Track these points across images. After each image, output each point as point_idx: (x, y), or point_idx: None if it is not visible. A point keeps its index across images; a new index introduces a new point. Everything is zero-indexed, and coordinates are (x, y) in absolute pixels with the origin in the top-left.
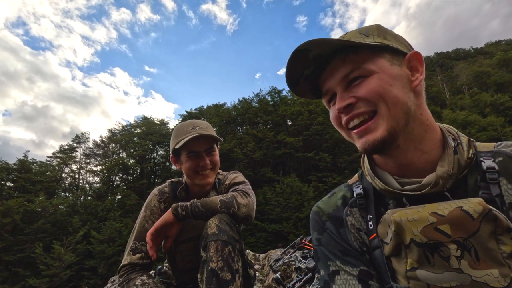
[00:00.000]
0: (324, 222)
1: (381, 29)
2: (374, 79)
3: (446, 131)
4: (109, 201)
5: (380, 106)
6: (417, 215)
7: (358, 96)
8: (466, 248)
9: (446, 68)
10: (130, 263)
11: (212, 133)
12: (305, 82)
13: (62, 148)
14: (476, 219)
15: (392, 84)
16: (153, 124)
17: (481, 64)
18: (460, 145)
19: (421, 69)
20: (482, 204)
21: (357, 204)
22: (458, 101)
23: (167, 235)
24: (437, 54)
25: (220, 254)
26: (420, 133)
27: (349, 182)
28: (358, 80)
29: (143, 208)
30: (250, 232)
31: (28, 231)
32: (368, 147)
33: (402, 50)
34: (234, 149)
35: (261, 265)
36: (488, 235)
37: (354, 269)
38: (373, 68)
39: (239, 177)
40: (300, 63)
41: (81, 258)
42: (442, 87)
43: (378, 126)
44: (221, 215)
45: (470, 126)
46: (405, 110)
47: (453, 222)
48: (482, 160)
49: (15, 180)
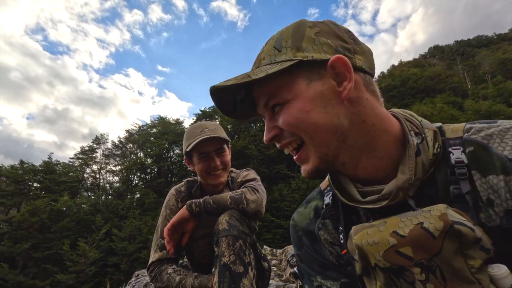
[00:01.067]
0: (301, 237)
1: (298, 33)
2: (288, 108)
3: (409, 123)
4: (129, 200)
5: (302, 136)
6: (378, 237)
7: (280, 126)
8: (431, 270)
9: (467, 56)
10: (158, 259)
11: (221, 134)
12: (243, 105)
13: (83, 149)
14: (437, 237)
15: (309, 109)
16: (169, 123)
17: (506, 51)
18: (425, 140)
19: (348, 75)
20: (443, 219)
21: (328, 215)
22: (480, 90)
23: (184, 230)
24: (457, 42)
25: (232, 248)
26: (366, 141)
27: (321, 186)
28: (277, 107)
29: (163, 208)
30: (267, 229)
31: (55, 229)
32: (307, 176)
33: (322, 59)
34: (248, 146)
35: (279, 260)
36: (453, 252)
37: (335, 283)
38: (285, 96)
39: (250, 174)
40: (225, 95)
41: (104, 255)
42: (463, 77)
43: (309, 155)
44: (231, 211)
45: (495, 116)
46: (333, 130)
47: (414, 243)
48: (450, 151)
49: (41, 181)
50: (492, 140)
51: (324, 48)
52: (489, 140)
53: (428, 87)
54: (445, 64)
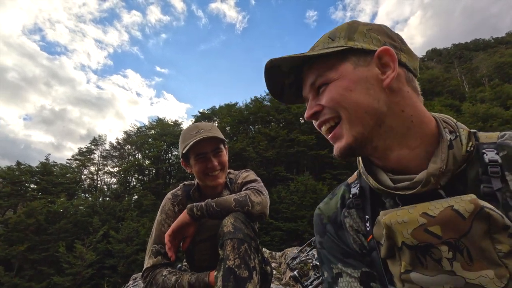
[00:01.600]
0: (325, 225)
1: (351, 28)
2: (332, 87)
3: (443, 122)
4: (126, 202)
5: (341, 112)
6: (407, 217)
7: (323, 104)
8: (458, 249)
9: (464, 59)
10: (153, 265)
11: (216, 134)
12: (290, 90)
13: (80, 150)
14: (467, 218)
15: (352, 89)
16: (167, 125)
17: (503, 54)
18: (459, 138)
19: (392, 65)
20: (473, 202)
21: (354, 205)
22: (478, 93)
23: (185, 235)
24: (455, 45)
25: (237, 252)
26: (402, 130)
27: (349, 180)
28: (322, 87)
29: (158, 212)
30: (265, 231)
31: (51, 231)
32: (338, 154)
33: (370, 49)
34: (246, 148)
35: (278, 263)
36: (481, 234)
37: (356, 271)
38: (333, 75)
39: (251, 175)
40: (277, 76)
41: (101, 257)
42: (460, 80)
43: (343, 133)
44: (236, 214)
45: (492, 119)
46: (372, 112)
47: (444, 222)
48: (484, 152)
49: (38, 182)
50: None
51: (374, 41)
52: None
53: (426, 89)
54: (443, 67)
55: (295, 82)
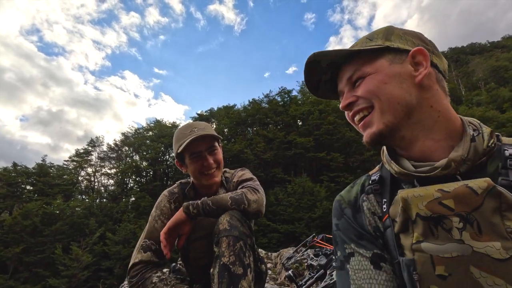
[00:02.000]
0: (343, 209)
1: (389, 31)
2: (369, 79)
3: (468, 122)
4: (124, 203)
5: (375, 102)
6: (423, 192)
7: (357, 95)
8: (469, 221)
9: (461, 63)
10: (141, 261)
11: (211, 132)
12: (326, 86)
13: (78, 152)
14: (480, 194)
15: (387, 82)
16: (165, 127)
17: (498, 58)
18: (481, 134)
19: (425, 63)
20: (487, 182)
21: (373, 190)
22: (474, 97)
23: (180, 233)
24: (451, 49)
25: (232, 249)
26: (430, 122)
27: (370, 172)
28: (359, 81)
29: (154, 208)
30: (262, 233)
31: (47, 233)
32: (368, 140)
33: (405, 48)
34: (244, 150)
35: (274, 264)
36: (492, 210)
37: (368, 252)
38: (369, 70)
39: (246, 174)
40: (315, 71)
41: (97, 259)
42: (457, 83)
43: (375, 120)
44: (232, 212)
45: (488, 122)
46: (403, 104)
47: (457, 197)
48: (506, 149)
49: (34, 183)
50: None
51: (408, 43)
52: None
53: None
54: None
55: (330, 80)
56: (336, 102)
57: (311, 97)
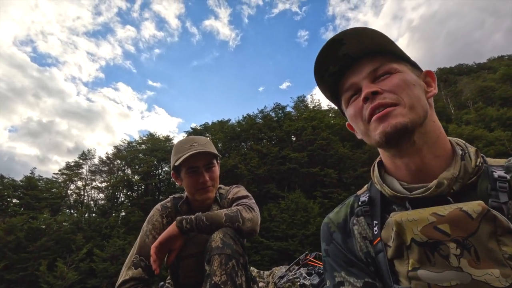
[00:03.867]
0: (332, 233)
1: None
2: (399, 75)
3: (455, 142)
4: (113, 218)
5: (403, 98)
6: (418, 216)
7: (384, 89)
8: (466, 247)
9: (449, 83)
10: (131, 278)
11: (211, 149)
12: (328, 79)
13: (68, 164)
14: (475, 219)
15: (415, 84)
16: (158, 140)
17: (485, 79)
18: (468, 154)
19: (434, 85)
20: (481, 205)
21: (363, 212)
22: (463, 115)
23: (171, 248)
24: (440, 69)
25: (224, 268)
26: (433, 136)
27: (358, 192)
28: (384, 76)
29: (145, 222)
30: (255, 250)
31: (32, 249)
32: (390, 130)
33: (419, 67)
34: (238, 165)
35: (266, 283)
36: (488, 235)
37: (358, 281)
38: (397, 67)
39: (242, 191)
40: (329, 58)
41: (83, 277)
42: (446, 102)
43: (400, 113)
44: (226, 229)
45: (477, 140)
46: (425, 109)
47: (453, 221)
48: (493, 170)
49: (21, 196)
50: None
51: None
52: None
53: None
54: None
55: (336, 74)
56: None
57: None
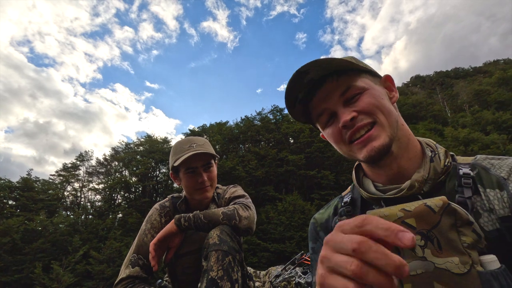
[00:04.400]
0: (318, 232)
1: (357, 59)
2: (368, 94)
3: (425, 143)
4: (110, 220)
5: (378, 116)
6: (388, 212)
7: (358, 110)
8: (430, 239)
9: (446, 86)
10: (129, 276)
11: (209, 149)
12: (299, 105)
13: (65, 166)
14: (437, 212)
15: (383, 97)
16: (156, 142)
17: (481, 83)
18: (437, 155)
19: (394, 89)
20: (443, 200)
21: (345, 212)
22: (459, 119)
23: (170, 245)
24: (437, 73)
25: (221, 263)
26: (405, 140)
27: (343, 193)
28: (355, 97)
29: (144, 222)
30: (253, 252)
31: (27, 251)
32: (374, 154)
33: (378, 74)
34: (236, 167)
35: (262, 282)
36: (449, 226)
37: None
38: (364, 85)
39: (238, 191)
40: (296, 87)
41: (79, 279)
42: (443, 105)
43: (380, 133)
44: (223, 227)
45: (473, 143)
46: (396, 119)
47: (418, 215)
48: (460, 168)
49: (17, 198)
50: (492, 166)
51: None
52: (491, 166)
53: (411, 114)
54: (426, 93)
55: (303, 100)
56: None
57: None
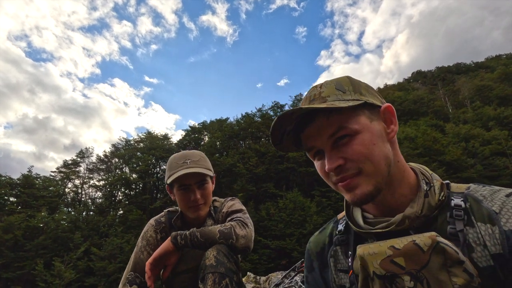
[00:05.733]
0: (312, 262)
1: (354, 83)
2: (359, 139)
3: (420, 173)
4: (111, 217)
5: (365, 165)
6: (377, 249)
7: (346, 157)
8: (419, 280)
9: (447, 82)
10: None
11: (203, 166)
12: (288, 137)
13: (66, 163)
14: (426, 251)
15: (375, 142)
16: (156, 138)
17: (482, 78)
18: (433, 188)
19: (394, 120)
20: (431, 238)
21: (339, 242)
22: (461, 114)
23: (166, 264)
24: (438, 68)
25: (218, 286)
26: (398, 178)
27: (338, 216)
28: (344, 139)
29: (139, 238)
30: (253, 249)
31: (29, 248)
32: (357, 201)
33: (377, 104)
34: (237, 164)
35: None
36: (439, 267)
37: None
38: (357, 127)
39: (236, 205)
40: (284, 122)
41: (81, 275)
42: (444, 101)
43: (363, 183)
44: (219, 246)
45: (474, 139)
46: (388, 163)
47: (406, 255)
48: (452, 198)
49: (18, 195)
50: (484, 198)
51: (376, 98)
52: (483, 198)
53: (412, 110)
54: (427, 88)
55: (292, 131)
56: None
57: None
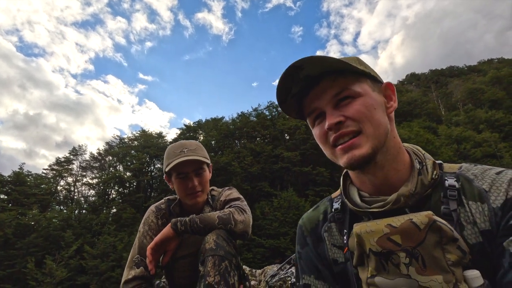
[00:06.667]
0: (305, 237)
1: (360, 60)
2: (361, 101)
3: (413, 153)
4: (104, 215)
5: (365, 126)
6: (374, 227)
7: (346, 116)
8: (414, 256)
9: (440, 84)
10: (135, 277)
11: (200, 154)
12: (292, 100)
13: (58, 160)
14: (422, 229)
15: (376, 107)
16: (151, 137)
17: (475, 82)
18: (425, 167)
19: (394, 98)
20: (428, 216)
21: (335, 219)
22: (453, 117)
23: (166, 249)
24: (432, 71)
25: (217, 269)
26: (394, 152)
27: (332, 195)
28: (347, 100)
29: (141, 224)
30: (247, 248)
31: (20, 246)
32: (353, 162)
33: (379, 80)
34: (231, 163)
35: (258, 281)
36: (434, 244)
37: (325, 285)
38: (360, 90)
39: (234, 193)
40: (290, 81)
41: (73, 274)
42: (437, 104)
43: (363, 143)
44: (219, 231)
45: (465, 141)
46: (386, 131)
47: (403, 232)
48: (446, 179)
49: (9, 192)
50: (475, 177)
51: (378, 77)
52: (475, 177)
53: (406, 111)
54: (421, 90)
55: (297, 94)
56: None
57: None
